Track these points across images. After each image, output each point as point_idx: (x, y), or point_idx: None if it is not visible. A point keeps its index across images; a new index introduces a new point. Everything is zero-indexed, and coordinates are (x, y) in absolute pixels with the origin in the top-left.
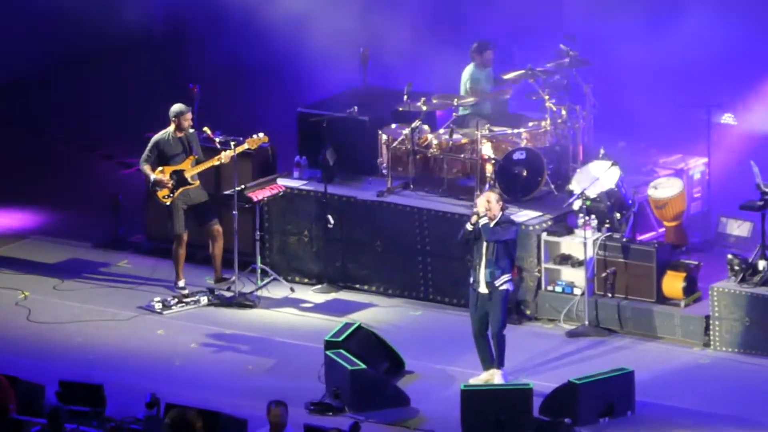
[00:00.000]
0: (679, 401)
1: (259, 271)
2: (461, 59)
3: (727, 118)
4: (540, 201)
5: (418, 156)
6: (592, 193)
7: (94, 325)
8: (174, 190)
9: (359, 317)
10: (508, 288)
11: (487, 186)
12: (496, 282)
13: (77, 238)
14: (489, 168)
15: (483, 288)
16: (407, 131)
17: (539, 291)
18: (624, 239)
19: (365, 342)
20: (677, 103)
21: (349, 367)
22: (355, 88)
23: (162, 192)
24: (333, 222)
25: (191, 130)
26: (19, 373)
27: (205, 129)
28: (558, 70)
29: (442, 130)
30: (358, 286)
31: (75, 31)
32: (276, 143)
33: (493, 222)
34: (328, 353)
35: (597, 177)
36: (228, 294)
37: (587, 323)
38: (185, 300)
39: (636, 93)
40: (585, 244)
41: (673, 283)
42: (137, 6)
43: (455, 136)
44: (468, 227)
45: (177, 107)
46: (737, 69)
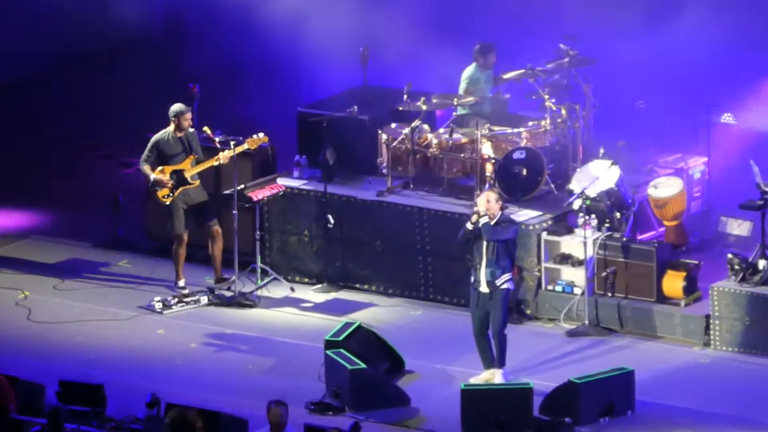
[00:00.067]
0: (679, 401)
1: (259, 271)
2: (461, 59)
3: (727, 117)
4: (540, 200)
5: (418, 155)
6: (592, 193)
7: (94, 325)
8: (174, 189)
9: (359, 317)
10: (508, 287)
11: (487, 185)
12: (496, 281)
13: (77, 237)
14: (489, 167)
15: (484, 287)
16: (407, 131)
17: (539, 290)
18: (624, 239)
19: (365, 341)
20: (677, 103)
21: (349, 367)
22: (355, 87)
23: (162, 192)
24: (333, 222)
25: (191, 129)
26: (20, 373)
27: (205, 129)
28: (558, 69)
29: (442, 129)
30: (358, 285)
31: (75, 31)
32: (276, 143)
33: (493, 221)
34: (328, 353)
35: (597, 176)
36: (228, 294)
37: (587, 323)
38: (185, 300)
39: (636, 92)
40: (585, 243)
41: (673, 283)
42: (137, 6)
43: (455, 135)
44: (468, 227)
45: (176, 107)
46: (737, 69)
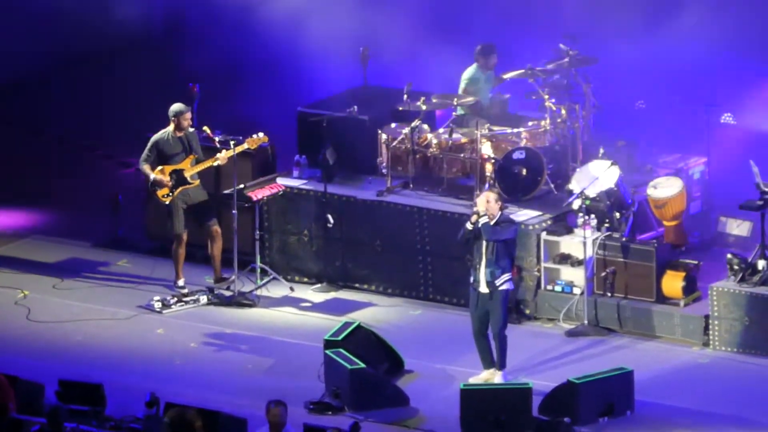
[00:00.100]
0: (679, 401)
1: (259, 271)
2: (461, 59)
3: (727, 117)
4: (540, 200)
5: (417, 155)
6: (591, 193)
7: (93, 324)
8: (173, 189)
9: (359, 316)
10: (508, 287)
11: (487, 185)
12: (496, 281)
13: (77, 237)
14: (489, 167)
15: (483, 288)
16: (407, 131)
17: (539, 290)
18: (623, 239)
19: (365, 341)
20: (677, 103)
21: (349, 367)
22: (355, 87)
23: (161, 191)
24: (333, 221)
25: (191, 129)
26: (19, 373)
27: (205, 128)
28: (558, 69)
29: (441, 129)
30: (357, 285)
31: (75, 31)
32: (276, 143)
33: (493, 221)
34: (327, 352)
35: (596, 176)
36: (227, 293)
37: (587, 323)
38: (185, 299)
39: (636, 92)
40: (584, 243)
41: (673, 283)
42: (137, 6)
43: (455, 135)
44: (468, 226)
45: (176, 107)
46: (737, 69)
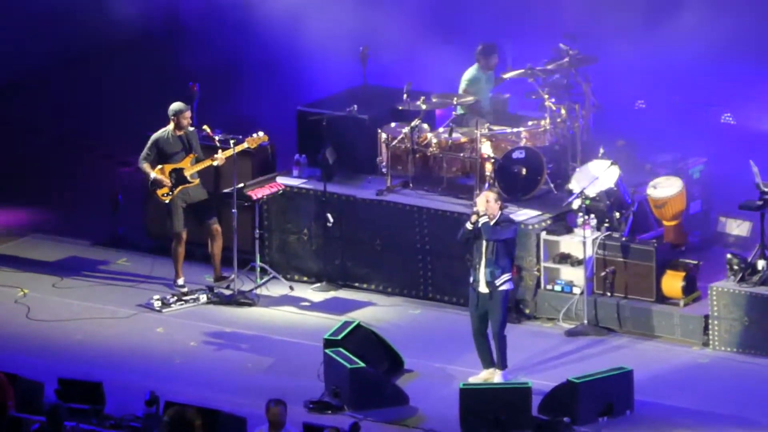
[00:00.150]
0: (678, 401)
1: (259, 270)
2: (461, 59)
3: (727, 117)
4: (539, 200)
5: (417, 155)
6: (591, 192)
7: (93, 323)
8: (173, 188)
9: (358, 316)
10: (508, 287)
11: (487, 185)
12: (496, 281)
13: (77, 236)
14: (488, 167)
15: (483, 287)
16: (407, 130)
17: (538, 290)
18: (623, 238)
19: (364, 340)
20: (677, 103)
21: (349, 366)
22: (355, 86)
23: (161, 190)
24: (332, 220)
25: (191, 128)
26: (19, 371)
27: (205, 127)
28: (558, 69)
29: (441, 129)
30: (357, 284)
31: (75, 31)
32: (275, 142)
33: (493, 221)
34: (327, 352)
35: (596, 176)
36: (227, 292)
37: (586, 322)
38: (184, 298)
39: (636, 92)
40: (584, 243)
41: (673, 283)
42: (136, 5)
43: (455, 135)
44: (468, 226)
45: (176, 106)
46: (736, 69)
